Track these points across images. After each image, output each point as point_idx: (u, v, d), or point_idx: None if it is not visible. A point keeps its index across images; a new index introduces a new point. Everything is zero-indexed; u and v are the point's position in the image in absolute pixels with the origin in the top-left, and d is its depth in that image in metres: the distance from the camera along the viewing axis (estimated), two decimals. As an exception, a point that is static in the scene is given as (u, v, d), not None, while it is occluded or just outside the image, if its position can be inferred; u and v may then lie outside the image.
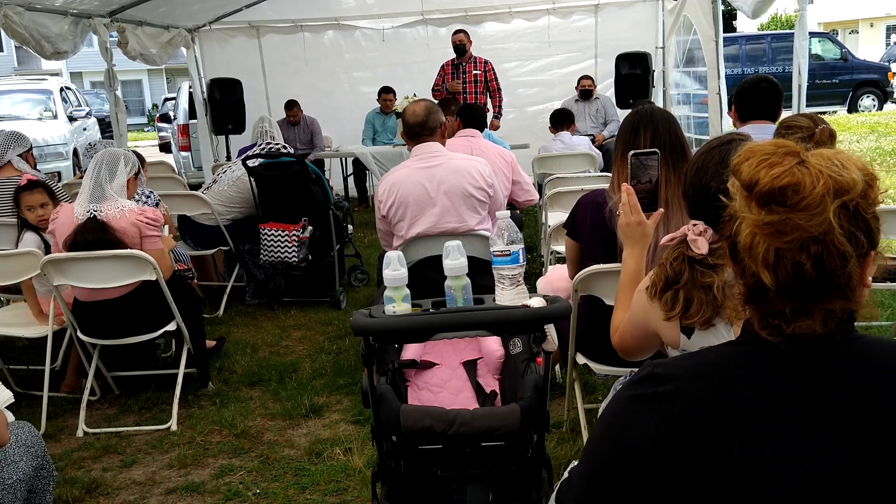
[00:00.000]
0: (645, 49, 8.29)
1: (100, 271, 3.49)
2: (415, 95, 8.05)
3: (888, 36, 29.68)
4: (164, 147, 15.10)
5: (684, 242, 1.72)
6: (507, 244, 1.92)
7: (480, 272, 2.28)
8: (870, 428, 1.03)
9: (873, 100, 17.69)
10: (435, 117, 3.48)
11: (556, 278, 3.23)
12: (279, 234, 5.06)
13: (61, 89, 13.23)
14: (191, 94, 9.59)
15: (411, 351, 2.81)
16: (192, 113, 9.99)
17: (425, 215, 3.44)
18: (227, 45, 9.25)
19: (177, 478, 3.13)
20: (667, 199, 2.39)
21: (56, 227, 3.63)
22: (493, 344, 2.69)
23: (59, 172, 10.58)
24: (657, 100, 8.34)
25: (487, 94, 7.92)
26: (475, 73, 7.83)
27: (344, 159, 9.14)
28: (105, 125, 14.76)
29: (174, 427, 3.54)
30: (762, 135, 3.06)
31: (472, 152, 4.19)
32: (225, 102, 8.52)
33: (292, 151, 5.35)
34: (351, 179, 9.16)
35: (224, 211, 5.33)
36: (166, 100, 17.64)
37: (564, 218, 2.96)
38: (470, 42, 7.87)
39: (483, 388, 2.64)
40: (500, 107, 8.02)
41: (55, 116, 12.36)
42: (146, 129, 28.97)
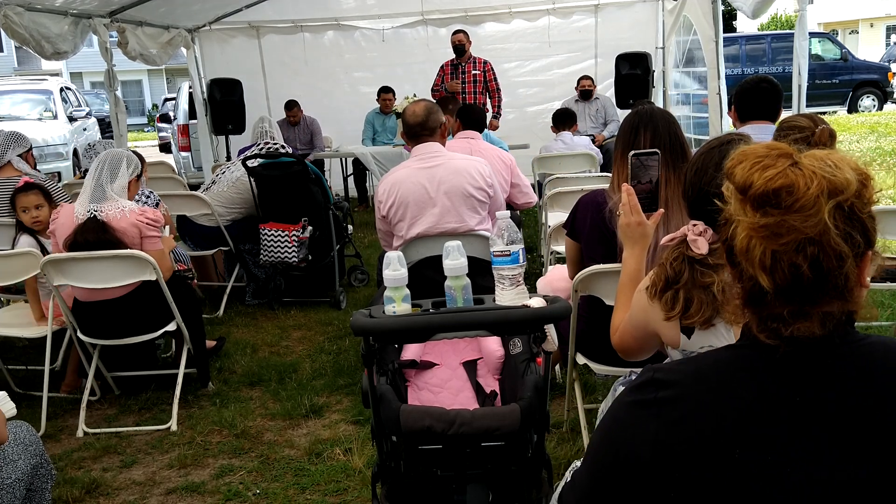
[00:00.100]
0: (645, 49, 8.29)
1: (100, 271, 3.49)
2: (415, 96, 8.05)
3: (888, 36, 29.69)
4: (164, 147, 15.10)
5: (684, 242, 1.72)
6: (507, 244, 1.92)
7: (480, 272, 2.28)
8: (870, 430, 1.03)
9: (873, 100, 17.69)
10: (435, 117, 3.48)
11: (556, 278, 3.23)
12: (279, 235, 5.06)
13: (61, 89, 13.23)
14: (191, 95, 9.58)
15: (411, 351, 2.81)
16: (192, 113, 9.99)
17: (425, 215, 3.44)
18: (227, 46, 9.25)
19: (177, 478, 3.13)
20: (667, 199, 2.39)
21: (56, 227, 3.63)
22: (493, 344, 2.69)
23: (59, 173, 10.59)
24: (657, 100, 8.34)
25: (487, 94, 7.93)
26: (474, 73, 7.84)
27: (344, 159, 9.14)
28: (105, 125, 14.76)
29: (174, 427, 3.54)
30: (762, 135, 3.06)
31: (471, 154, 4.18)
32: (225, 102, 8.52)
33: (290, 151, 5.35)
34: (351, 179, 9.17)
35: (224, 212, 5.32)
36: (166, 100, 17.64)
37: (564, 218, 2.96)
38: (469, 42, 7.88)
39: (483, 389, 2.64)
40: (500, 107, 8.03)
41: (55, 117, 12.36)
42: (146, 129, 28.97)
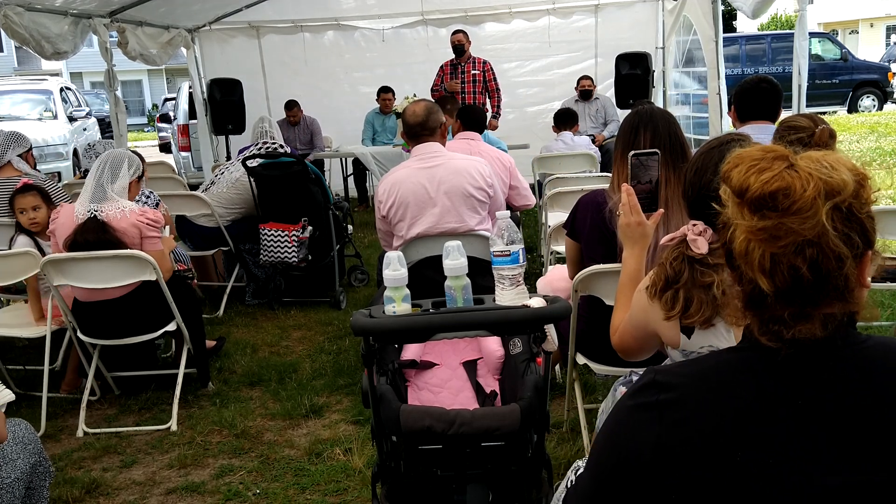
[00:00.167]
0: (645, 49, 8.29)
1: (100, 271, 3.49)
2: (415, 96, 8.05)
3: (888, 36, 29.69)
4: (164, 147, 15.10)
5: (684, 242, 1.72)
6: (507, 244, 1.92)
7: (480, 272, 2.28)
8: (871, 431, 1.02)
9: (873, 100, 17.69)
10: (435, 117, 3.48)
11: (556, 278, 3.23)
12: (279, 235, 5.06)
13: (61, 89, 13.23)
14: (191, 95, 9.58)
15: (411, 351, 2.81)
16: (192, 113, 9.99)
17: (425, 215, 3.44)
18: (227, 46, 9.25)
19: (177, 478, 3.13)
20: (667, 199, 2.39)
21: (56, 226, 3.63)
22: (493, 344, 2.69)
23: (59, 172, 10.59)
24: (657, 100, 8.34)
25: (486, 94, 7.93)
26: (474, 73, 7.84)
27: (344, 159, 9.14)
28: (105, 125, 14.76)
29: (174, 427, 3.54)
30: (762, 135, 3.06)
31: (471, 155, 4.18)
32: (225, 102, 8.52)
33: (289, 150, 5.34)
34: (351, 179, 9.17)
35: (224, 213, 5.32)
36: (166, 100, 17.64)
37: (564, 218, 2.96)
38: (469, 42, 7.88)
39: (483, 388, 2.64)
40: (499, 107, 8.04)
41: (55, 117, 12.36)
42: (146, 129, 28.97)
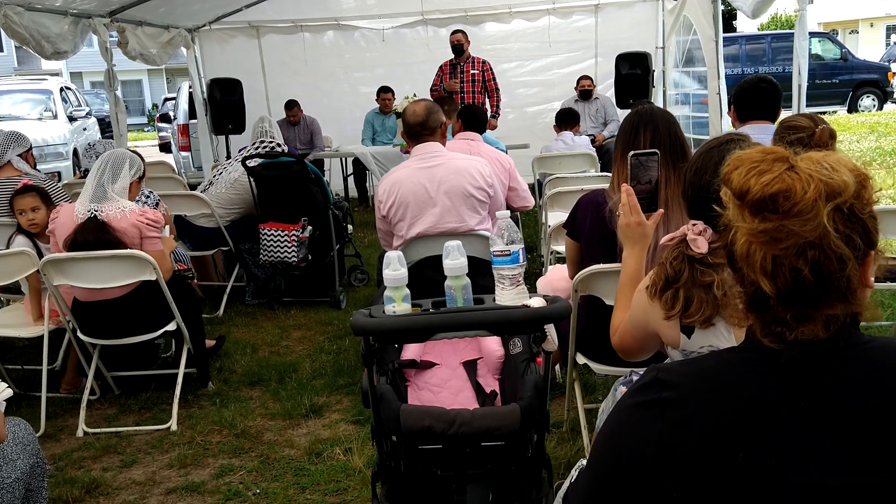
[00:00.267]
0: (645, 49, 8.29)
1: (100, 271, 3.49)
2: (415, 95, 8.06)
3: (888, 36, 29.68)
4: (164, 147, 15.11)
5: (684, 242, 1.72)
6: (507, 244, 1.92)
7: (480, 272, 2.28)
8: (874, 432, 1.02)
9: (873, 100, 17.69)
10: (435, 117, 3.48)
11: (556, 278, 3.23)
12: (279, 234, 5.06)
13: (61, 89, 13.23)
14: (191, 94, 9.59)
15: (411, 351, 2.81)
16: (192, 113, 9.99)
17: (425, 215, 3.44)
18: (227, 45, 9.25)
19: (177, 478, 3.13)
20: (667, 199, 2.39)
21: (56, 226, 3.64)
22: (493, 344, 2.69)
23: (59, 172, 10.59)
24: (657, 100, 8.34)
25: (485, 93, 7.93)
26: (473, 72, 7.84)
27: (344, 159, 9.14)
28: (105, 125, 14.76)
29: (174, 427, 3.54)
30: (761, 135, 3.06)
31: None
32: (225, 102, 8.52)
33: (286, 149, 5.34)
34: (351, 179, 9.16)
35: (224, 213, 5.32)
36: (166, 100, 17.65)
37: (564, 218, 2.96)
38: (468, 42, 7.88)
39: (483, 388, 2.64)
40: (498, 107, 8.04)
41: (55, 116, 12.36)
42: (146, 129, 28.97)
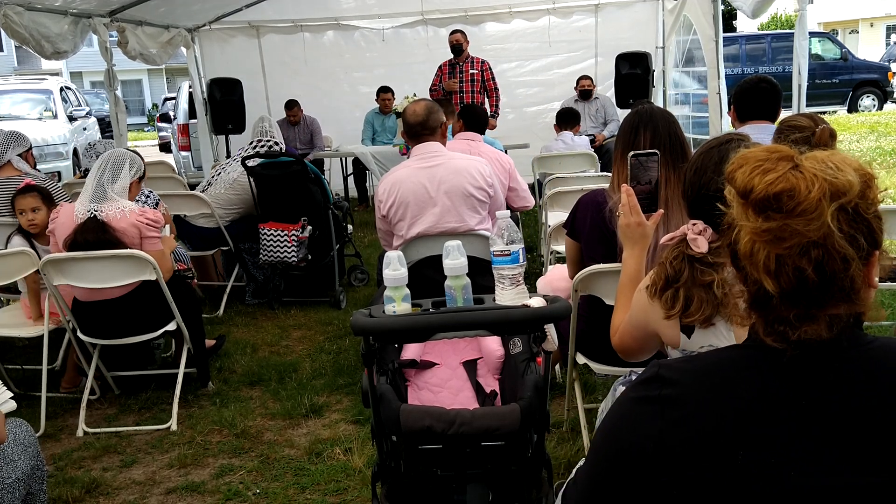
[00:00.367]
0: (645, 49, 8.29)
1: (99, 271, 3.49)
2: (414, 95, 8.06)
3: (888, 36, 29.68)
4: (164, 147, 15.12)
5: (684, 241, 1.72)
6: (507, 244, 1.92)
7: (480, 272, 2.28)
8: (875, 432, 1.02)
9: (873, 100, 17.69)
10: (435, 117, 3.48)
11: (556, 278, 3.23)
12: (278, 234, 5.06)
13: (61, 89, 13.23)
14: (191, 94, 9.59)
15: (411, 351, 2.80)
16: (192, 113, 9.99)
17: (425, 215, 3.44)
18: (227, 45, 9.25)
19: (177, 478, 3.13)
20: (667, 198, 2.39)
21: (56, 226, 3.63)
22: (493, 344, 2.69)
23: (59, 172, 10.59)
24: (657, 100, 8.34)
25: (484, 93, 7.93)
26: (472, 72, 7.84)
27: (344, 159, 9.14)
28: (105, 125, 14.76)
29: (174, 427, 3.54)
30: (761, 135, 3.06)
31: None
32: (225, 102, 8.53)
33: (284, 149, 5.33)
34: (351, 179, 9.17)
35: (223, 214, 5.31)
36: (166, 100, 17.65)
37: (564, 218, 2.96)
38: (467, 42, 7.89)
39: (483, 388, 2.64)
40: (497, 107, 8.05)
41: (55, 116, 12.36)
42: (146, 128, 28.97)
